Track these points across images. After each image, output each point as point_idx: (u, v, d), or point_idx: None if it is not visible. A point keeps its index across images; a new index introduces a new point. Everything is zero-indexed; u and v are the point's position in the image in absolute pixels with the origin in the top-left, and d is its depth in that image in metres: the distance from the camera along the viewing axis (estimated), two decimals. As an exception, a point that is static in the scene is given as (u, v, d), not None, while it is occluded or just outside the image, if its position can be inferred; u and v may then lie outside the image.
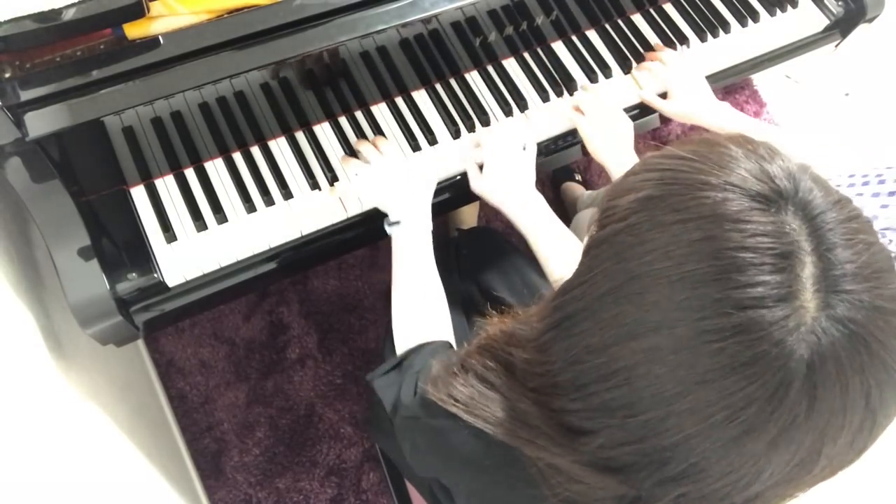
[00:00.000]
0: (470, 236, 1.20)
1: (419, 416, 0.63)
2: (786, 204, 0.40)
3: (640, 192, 0.44)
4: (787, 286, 0.38)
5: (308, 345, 1.58)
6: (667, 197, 0.42)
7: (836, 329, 0.38)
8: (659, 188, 0.43)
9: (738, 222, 0.39)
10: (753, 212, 0.40)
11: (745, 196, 0.40)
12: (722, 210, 0.40)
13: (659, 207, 0.42)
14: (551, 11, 1.08)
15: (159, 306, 0.90)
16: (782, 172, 0.42)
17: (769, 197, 0.40)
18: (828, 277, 0.38)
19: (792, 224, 0.39)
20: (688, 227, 0.40)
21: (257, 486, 1.47)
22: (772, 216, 0.39)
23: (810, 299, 0.38)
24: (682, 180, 0.43)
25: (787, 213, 0.40)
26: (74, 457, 0.86)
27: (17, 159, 0.82)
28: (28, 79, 0.79)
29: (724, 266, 0.38)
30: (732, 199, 0.40)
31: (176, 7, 0.83)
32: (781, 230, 0.39)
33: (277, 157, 0.98)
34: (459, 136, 1.02)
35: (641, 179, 0.45)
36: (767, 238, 0.39)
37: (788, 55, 1.17)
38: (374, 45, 0.99)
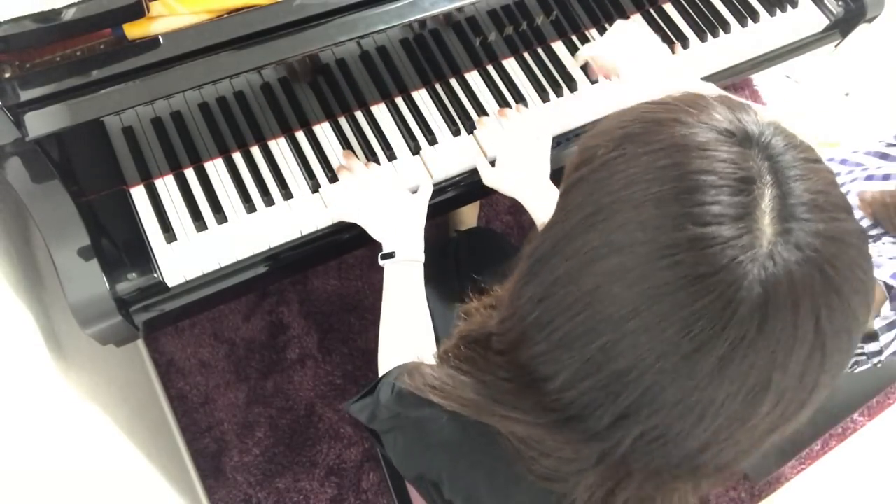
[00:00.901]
0: (470, 237, 1.20)
1: (398, 411, 0.63)
2: (751, 144, 0.42)
3: (614, 132, 0.45)
4: (746, 208, 0.39)
5: (308, 345, 1.58)
6: (640, 134, 0.44)
7: (791, 253, 0.39)
8: (634, 127, 0.45)
9: (703, 149, 0.41)
10: (720, 143, 0.41)
11: (713, 130, 0.42)
12: (690, 140, 0.42)
13: (632, 143, 0.44)
14: (551, 11, 1.08)
15: (159, 306, 0.90)
16: (751, 119, 0.44)
17: (736, 134, 0.42)
18: (786, 206, 0.40)
19: (756, 158, 0.41)
20: (656, 155, 0.42)
21: (257, 486, 1.47)
22: (736, 148, 0.41)
23: (768, 224, 0.39)
24: (656, 119, 0.45)
25: (751, 150, 0.42)
26: (74, 457, 0.86)
27: (17, 159, 0.82)
28: (28, 79, 0.79)
29: (687, 187, 0.40)
30: (701, 132, 0.42)
31: (176, 7, 0.83)
32: (745, 160, 0.41)
33: (277, 157, 0.98)
34: (459, 136, 1.02)
35: (617, 121, 0.47)
36: (730, 164, 0.40)
37: (788, 55, 1.17)
38: (374, 45, 0.99)
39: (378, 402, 0.69)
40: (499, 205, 1.76)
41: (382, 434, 0.68)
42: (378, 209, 0.91)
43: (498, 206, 1.75)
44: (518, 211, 1.75)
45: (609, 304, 0.41)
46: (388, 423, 0.66)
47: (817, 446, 1.64)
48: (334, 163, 0.98)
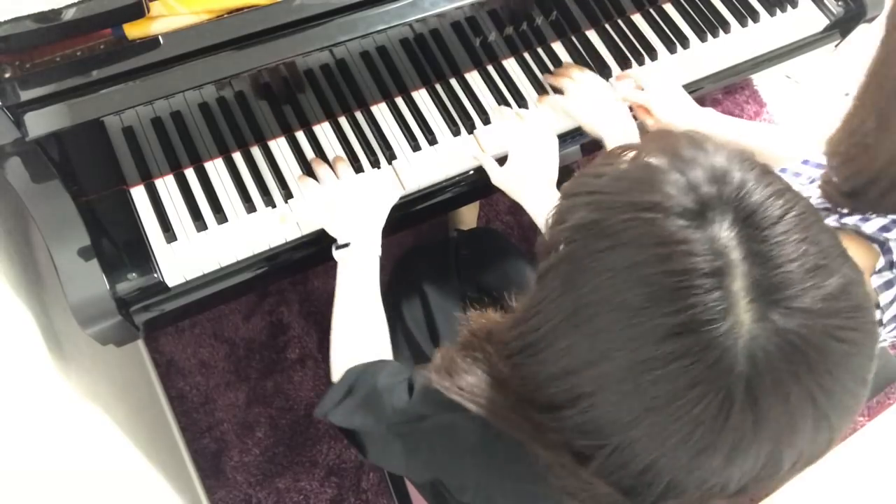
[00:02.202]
0: (470, 237, 1.20)
1: (424, 414, 0.62)
2: (713, 212, 0.39)
3: (571, 218, 0.44)
4: (720, 304, 0.37)
5: (308, 345, 1.58)
6: (598, 222, 0.42)
7: (770, 342, 0.37)
8: (587, 213, 0.43)
9: (665, 244, 0.39)
10: (681, 231, 0.39)
11: (671, 215, 0.40)
12: (649, 234, 0.40)
13: (591, 234, 0.42)
14: (551, 11, 1.08)
15: (159, 306, 0.90)
16: (706, 176, 0.41)
17: (695, 210, 0.40)
18: (760, 286, 0.38)
19: (721, 234, 0.38)
20: (618, 253, 0.40)
21: (257, 486, 1.47)
22: (700, 232, 0.39)
23: (744, 312, 0.38)
24: (609, 203, 0.43)
25: (716, 223, 0.39)
26: (74, 457, 0.86)
27: (17, 159, 0.82)
28: (28, 79, 0.79)
29: (654, 293, 0.38)
30: (657, 221, 0.40)
31: (176, 7, 0.83)
32: (710, 247, 0.38)
33: (277, 157, 0.98)
34: (459, 136, 1.02)
35: (570, 205, 0.45)
36: (695, 257, 0.38)
37: (788, 55, 1.17)
38: (374, 45, 0.99)
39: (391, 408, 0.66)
40: (499, 205, 1.76)
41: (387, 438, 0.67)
42: (335, 208, 0.90)
43: (498, 206, 1.75)
44: (518, 211, 1.75)
45: (610, 411, 0.42)
46: (402, 428, 0.64)
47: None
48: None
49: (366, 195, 0.91)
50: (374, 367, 0.75)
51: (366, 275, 0.86)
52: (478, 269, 1.08)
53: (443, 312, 1.05)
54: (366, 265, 0.86)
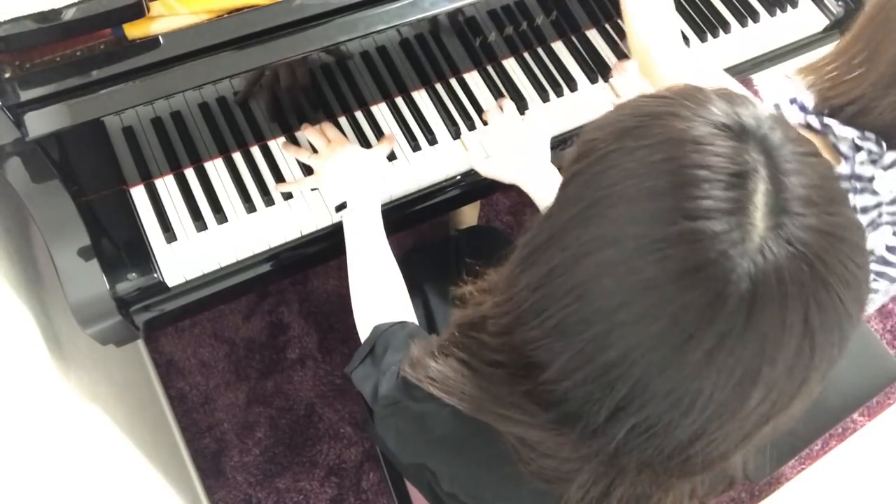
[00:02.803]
0: (471, 235, 1.20)
1: (399, 399, 0.64)
2: (747, 138, 0.42)
3: (613, 126, 0.46)
4: (738, 202, 0.39)
5: (308, 345, 1.58)
6: (636, 128, 0.44)
7: (781, 248, 0.39)
8: (630, 121, 0.45)
9: (698, 144, 0.41)
10: (715, 137, 0.41)
11: (709, 124, 0.42)
12: (685, 134, 0.42)
13: (628, 137, 0.44)
14: (551, 11, 1.08)
15: (159, 306, 0.90)
16: (750, 113, 0.44)
17: (732, 128, 0.42)
18: (779, 201, 0.40)
19: (751, 152, 0.41)
20: (651, 150, 0.42)
21: (257, 486, 1.47)
22: (732, 142, 0.41)
23: (760, 219, 0.39)
24: (653, 113, 0.45)
25: (748, 144, 0.42)
26: (74, 457, 0.86)
27: (17, 159, 0.82)
28: (28, 79, 0.79)
29: (680, 181, 0.40)
30: (696, 126, 0.42)
31: (176, 7, 0.83)
32: (739, 154, 0.41)
33: (277, 157, 0.98)
34: (459, 136, 1.02)
35: (615, 116, 0.47)
36: (725, 159, 0.40)
37: (788, 55, 1.17)
38: (374, 45, 0.99)
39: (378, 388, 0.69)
40: (499, 205, 1.76)
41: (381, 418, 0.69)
42: (331, 170, 0.93)
43: (498, 206, 1.75)
44: (518, 211, 1.75)
45: (600, 296, 0.42)
46: (390, 410, 0.66)
47: (817, 446, 1.64)
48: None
49: (360, 154, 0.94)
50: (394, 331, 0.76)
51: (370, 229, 0.87)
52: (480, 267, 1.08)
53: (443, 312, 1.05)
54: (368, 220, 0.88)
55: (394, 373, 0.68)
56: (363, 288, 0.85)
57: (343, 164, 0.92)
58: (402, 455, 0.67)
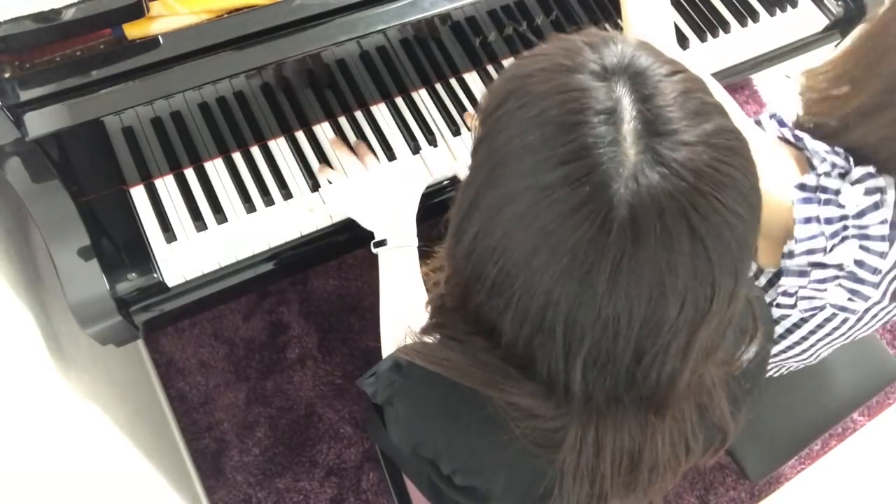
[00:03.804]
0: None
1: (393, 379, 0.66)
2: (614, 76, 0.45)
3: (497, 92, 0.49)
4: (610, 136, 0.42)
5: (308, 345, 1.58)
6: (515, 90, 0.47)
7: (653, 170, 0.42)
8: (509, 83, 0.49)
9: (566, 93, 0.44)
10: (582, 82, 0.44)
11: (575, 73, 0.45)
12: (554, 87, 0.45)
13: (510, 99, 0.47)
14: (551, 11, 1.08)
15: (159, 306, 0.90)
16: (614, 52, 0.46)
17: (597, 72, 0.45)
18: (645, 125, 0.43)
19: (617, 89, 0.44)
20: (527, 107, 0.45)
21: (257, 486, 1.47)
22: (599, 82, 0.44)
23: (630, 145, 0.42)
24: (527, 73, 0.48)
25: (615, 83, 0.44)
26: (74, 457, 0.86)
27: (17, 159, 0.82)
28: (28, 79, 0.79)
29: (554, 129, 0.44)
30: (564, 78, 0.45)
31: (176, 7, 0.84)
32: (605, 93, 0.44)
33: (277, 157, 0.98)
34: (460, 136, 1.02)
35: (499, 82, 0.50)
36: (591, 100, 0.43)
37: (788, 55, 1.17)
38: (374, 45, 1.00)
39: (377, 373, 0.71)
40: (499, 205, 1.76)
41: (385, 407, 0.69)
42: (367, 199, 0.92)
43: (498, 206, 1.75)
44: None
45: (516, 249, 0.45)
46: (387, 392, 0.68)
47: (817, 446, 1.64)
48: (334, 163, 0.98)
49: (396, 185, 0.93)
50: None
51: (406, 270, 0.87)
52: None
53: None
54: (405, 260, 0.88)
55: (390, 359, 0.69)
56: (394, 325, 0.85)
57: (385, 199, 0.91)
58: (403, 443, 0.67)
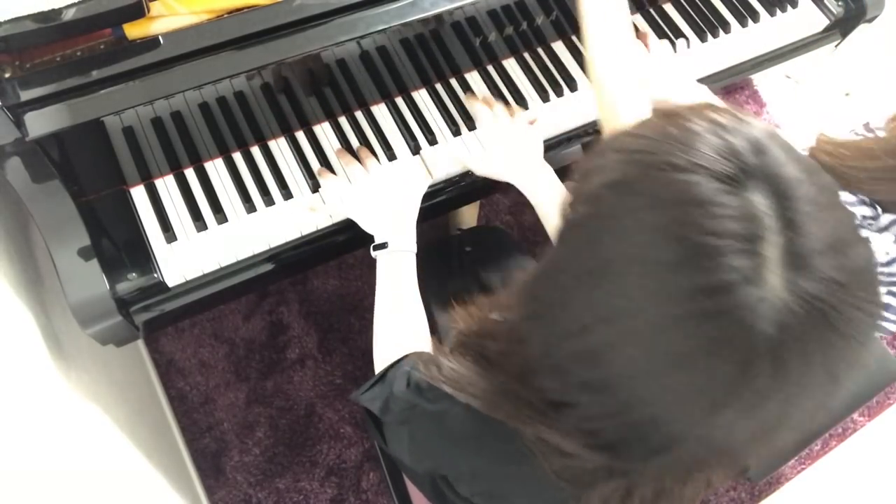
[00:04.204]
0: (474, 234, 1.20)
1: (415, 402, 0.63)
2: (752, 181, 0.40)
3: (607, 175, 0.45)
4: (754, 268, 0.38)
5: (308, 345, 1.58)
6: (634, 181, 0.43)
7: (799, 307, 0.39)
8: (625, 171, 0.44)
9: (702, 205, 0.40)
10: (719, 194, 0.40)
11: (710, 177, 0.40)
12: (687, 194, 0.40)
13: (626, 191, 0.43)
14: (551, 11, 1.08)
15: (159, 306, 0.90)
16: (748, 146, 0.42)
17: (734, 176, 0.40)
18: (793, 255, 0.39)
19: (758, 203, 0.40)
20: (654, 212, 0.41)
21: (257, 486, 1.47)
22: (737, 198, 0.40)
23: (775, 279, 0.39)
24: (647, 162, 0.43)
25: (754, 192, 0.40)
26: (74, 457, 0.86)
27: (17, 159, 0.82)
28: (28, 79, 0.79)
29: (692, 252, 0.39)
30: (697, 182, 0.40)
31: (176, 7, 0.83)
32: (747, 212, 0.39)
33: (277, 157, 0.98)
34: (459, 136, 1.02)
35: (608, 161, 0.46)
36: (733, 221, 0.39)
37: (788, 55, 1.17)
38: (374, 45, 0.99)
39: (392, 392, 0.68)
40: (499, 205, 1.76)
41: (396, 426, 0.68)
42: (368, 202, 0.92)
43: (498, 206, 1.75)
44: (518, 211, 1.75)
45: (626, 364, 0.42)
46: (403, 415, 0.66)
47: (817, 446, 1.64)
48: (334, 163, 0.98)
49: (397, 188, 0.93)
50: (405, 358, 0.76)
51: (404, 274, 0.87)
52: (481, 266, 1.08)
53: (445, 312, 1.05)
54: (403, 264, 0.87)
55: (404, 373, 0.67)
56: (389, 332, 0.84)
57: (386, 201, 0.91)
58: (417, 463, 0.66)
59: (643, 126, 0.47)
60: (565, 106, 1.06)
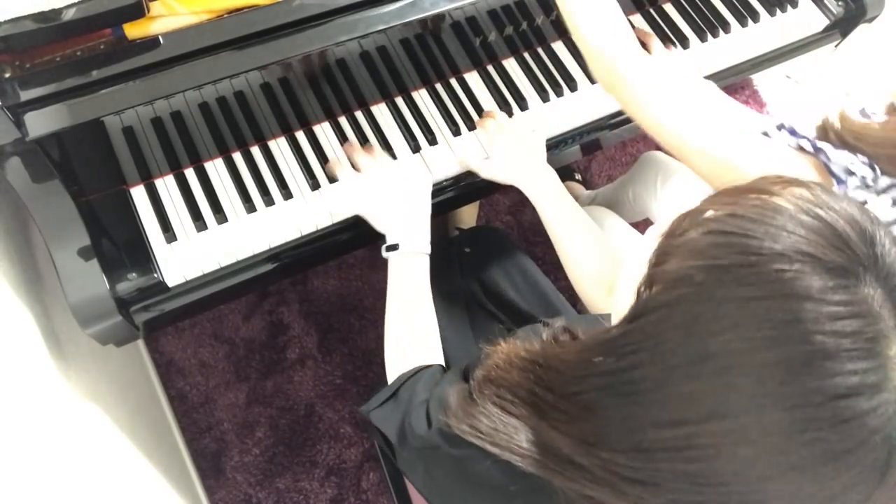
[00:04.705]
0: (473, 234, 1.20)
1: (439, 445, 0.60)
2: (864, 272, 0.39)
3: (699, 258, 0.41)
4: (879, 371, 0.37)
5: (308, 345, 1.58)
6: (735, 267, 0.40)
7: None
8: (723, 254, 0.41)
9: (819, 303, 0.37)
10: (834, 290, 0.38)
11: (821, 269, 0.38)
12: (799, 288, 0.38)
13: (727, 278, 0.40)
14: (551, 11, 1.08)
15: (159, 306, 0.90)
16: (855, 233, 0.40)
17: (847, 268, 0.38)
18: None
19: (874, 297, 0.38)
20: (765, 305, 0.38)
21: (257, 486, 1.47)
22: (852, 293, 0.38)
23: None
24: (749, 249, 0.40)
25: (867, 284, 0.38)
26: (75, 457, 0.86)
27: (17, 159, 0.82)
28: (28, 79, 0.79)
29: (811, 353, 0.37)
30: (808, 274, 0.38)
31: (176, 7, 0.83)
32: (865, 309, 0.38)
33: (277, 157, 0.98)
34: (460, 136, 1.02)
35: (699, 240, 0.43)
36: (852, 320, 0.37)
37: (788, 55, 1.17)
38: (374, 45, 0.99)
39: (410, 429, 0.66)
40: (499, 205, 1.76)
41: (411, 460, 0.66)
42: (382, 201, 0.91)
43: (498, 206, 1.75)
44: (518, 211, 1.75)
45: (736, 463, 0.40)
46: (423, 454, 0.63)
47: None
48: (334, 163, 0.98)
49: (411, 186, 0.92)
50: (418, 376, 0.74)
51: (418, 277, 0.86)
52: (481, 266, 1.08)
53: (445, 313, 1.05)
54: (417, 267, 0.86)
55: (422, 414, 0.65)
56: (400, 334, 0.83)
57: (401, 200, 0.90)
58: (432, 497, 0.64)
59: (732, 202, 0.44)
60: (565, 106, 1.06)
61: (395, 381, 0.76)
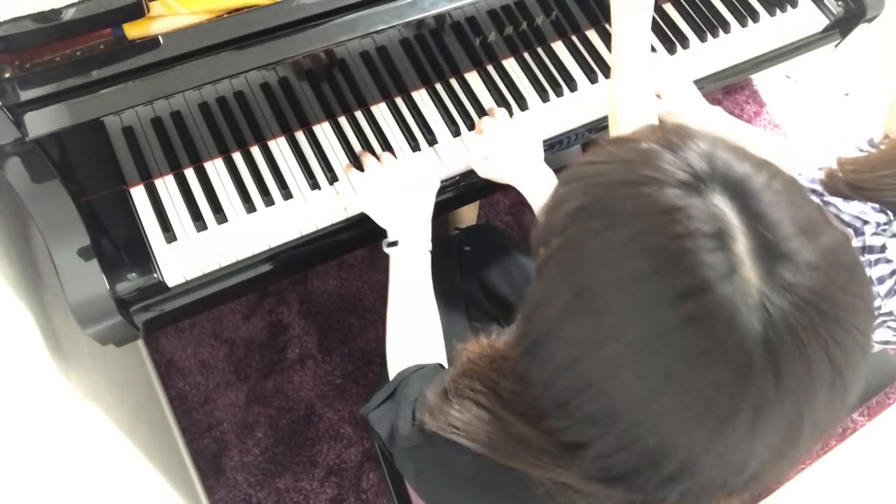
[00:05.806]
0: (472, 234, 1.20)
1: (421, 444, 0.62)
2: (707, 185, 0.41)
3: (568, 204, 0.45)
4: (726, 264, 0.38)
5: (308, 345, 1.58)
6: (593, 204, 0.43)
7: (783, 298, 0.37)
8: (584, 196, 0.44)
9: (663, 213, 0.40)
10: (680, 198, 0.40)
11: (666, 186, 0.41)
12: (649, 204, 0.40)
13: (588, 215, 0.43)
14: (551, 11, 1.08)
15: (159, 306, 0.90)
16: (697, 155, 0.42)
17: (689, 183, 0.41)
18: (763, 245, 0.38)
19: (717, 203, 0.40)
20: (617, 229, 0.41)
21: (257, 486, 1.47)
22: (695, 199, 0.40)
23: (751, 271, 0.38)
24: (603, 184, 0.44)
25: (711, 193, 0.40)
26: (74, 457, 0.86)
27: (17, 159, 0.82)
28: (28, 79, 0.79)
29: (659, 259, 0.39)
30: (654, 193, 0.41)
31: (176, 7, 0.84)
32: (708, 211, 0.39)
33: (277, 157, 0.98)
34: (459, 136, 1.02)
35: (567, 191, 0.46)
36: (699, 222, 0.39)
37: (788, 55, 1.17)
38: (374, 45, 0.99)
39: (397, 428, 0.67)
40: (499, 205, 1.76)
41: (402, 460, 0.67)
42: (385, 197, 0.92)
43: (498, 206, 1.75)
44: (518, 211, 1.75)
45: (622, 390, 0.41)
46: (409, 453, 0.64)
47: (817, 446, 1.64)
48: (334, 163, 0.98)
49: (415, 183, 0.93)
50: (414, 375, 0.75)
51: (419, 273, 0.87)
52: (481, 265, 1.08)
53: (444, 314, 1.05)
54: (419, 263, 0.87)
55: (408, 413, 0.66)
56: (401, 330, 0.84)
57: (404, 196, 0.92)
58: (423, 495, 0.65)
59: (595, 153, 0.47)
60: (565, 106, 1.06)
61: (393, 381, 0.77)
